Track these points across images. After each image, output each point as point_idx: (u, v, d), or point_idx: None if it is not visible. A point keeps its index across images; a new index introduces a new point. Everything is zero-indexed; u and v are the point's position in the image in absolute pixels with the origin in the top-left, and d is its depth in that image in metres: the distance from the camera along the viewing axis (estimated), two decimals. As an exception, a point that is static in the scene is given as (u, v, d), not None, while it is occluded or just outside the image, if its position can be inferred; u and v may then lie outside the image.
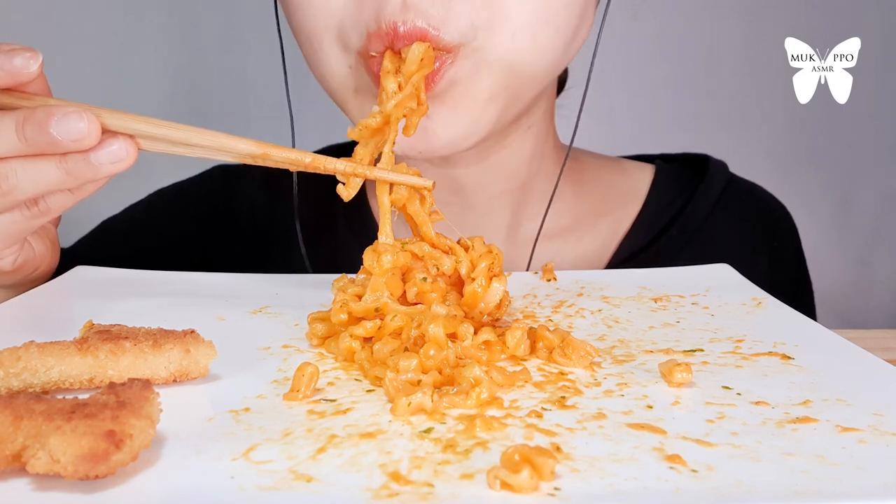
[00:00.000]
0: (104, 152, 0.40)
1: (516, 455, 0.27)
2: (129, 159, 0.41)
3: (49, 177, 0.41)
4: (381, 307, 0.41)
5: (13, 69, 0.41)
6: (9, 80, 0.41)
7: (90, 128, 0.39)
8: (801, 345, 0.41)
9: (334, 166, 0.43)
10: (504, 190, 0.63)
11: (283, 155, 0.42)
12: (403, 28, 0.46)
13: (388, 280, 0.42)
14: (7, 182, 0.41)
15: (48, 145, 0.40)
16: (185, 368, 0.36)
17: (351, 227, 0.68)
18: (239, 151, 0.42)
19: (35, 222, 0.44)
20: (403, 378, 0.35)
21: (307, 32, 0.51)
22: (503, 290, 0.43)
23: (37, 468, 0.26)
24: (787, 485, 0.26)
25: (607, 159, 0.73)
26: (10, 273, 0.49)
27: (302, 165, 0.42)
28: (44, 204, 0.43)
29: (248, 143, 0.42)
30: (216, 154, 0.42)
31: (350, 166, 0.43)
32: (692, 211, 0.67)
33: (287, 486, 0.26)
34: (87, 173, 0.41)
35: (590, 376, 0.37)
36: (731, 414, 0.33)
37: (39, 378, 0.34)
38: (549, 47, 0.50)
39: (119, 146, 0.41)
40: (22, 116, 0.40)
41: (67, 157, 0.40)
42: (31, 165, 0.41)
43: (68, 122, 0.39)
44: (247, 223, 0.72)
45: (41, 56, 0.41)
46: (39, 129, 0.39)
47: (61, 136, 0.39)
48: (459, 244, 0.45)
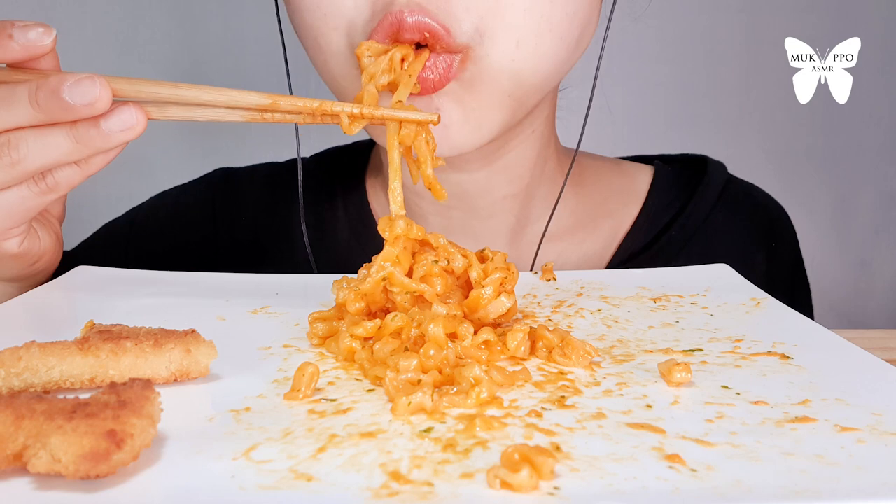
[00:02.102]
0: (115, 119, 0.41)
1: (516, 454, 0.27)
2: (139, 126, 0.42)
3: (59, 146, 0.42)
4: (388, 276, 0.41)
5: (27, 42, 0.42)
6: (23, 53, 0.42)
7: (102, 92, 0.40)
8: (801, 345, 0.41)
9: (342, 108, 0.44)
10: (508, 194, 0.63)
11: (291, 103, 0.43)
12: (411, 19, 0.45)
13: (400, 254, 0.42)
14: (18, 152, 0.42)
15: (61, 110, 0.40)
16: (185, 368, 0.36)
17: (352, 229, 0.69)
18: (249, 103, 0.43)
19: (43, 199, 0.45)
20: (403, 378, 0.35)
21: (315, 34, 0.51)
22: (508, 306, 0.43)
23: (38, 468, 0.26)
24: (786, 484, 0.26)
25: (607, 160, 0.73)
26: (14, 258, 0.49)
27: (310, 111, 0.43)
28: (52, 178, 0.44)
29: (257, 95, 0.43)
30: (225, 114, 0.44)
31: (357, 108, 0.44)
32: (691, 211, 0.67)
33: (287, 486, 0.27)
34: (98, 141, 0.42)
35: (589, 376, 0.37)
36: (731, 413, 0.33)
37: (41, 378, 0.34)
38: (552, 55, 0.50)
39: (129, 113, 0.42)
40: (35, 85, 0.41)
41: (78, 126, 0.41)
42: (41, 135, 0.42)
43: (81, 86, 0.40)
44: (248, 225, 0.72)
45: (55, 31, 0.43)
46: (52, 94, 0.40)
47: (74, 101, 0.40)
48: (482, 254, 0.46)
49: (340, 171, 0.72)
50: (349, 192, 0.70)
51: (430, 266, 0.43)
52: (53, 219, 0.53)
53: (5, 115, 0.41)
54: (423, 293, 0.42)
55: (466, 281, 0.44)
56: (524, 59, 0.49)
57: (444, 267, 0.43)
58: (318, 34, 0.51)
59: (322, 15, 0.49)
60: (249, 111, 0.44)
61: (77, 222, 0.58)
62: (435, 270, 0.43)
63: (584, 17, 0.51)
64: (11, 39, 0.42)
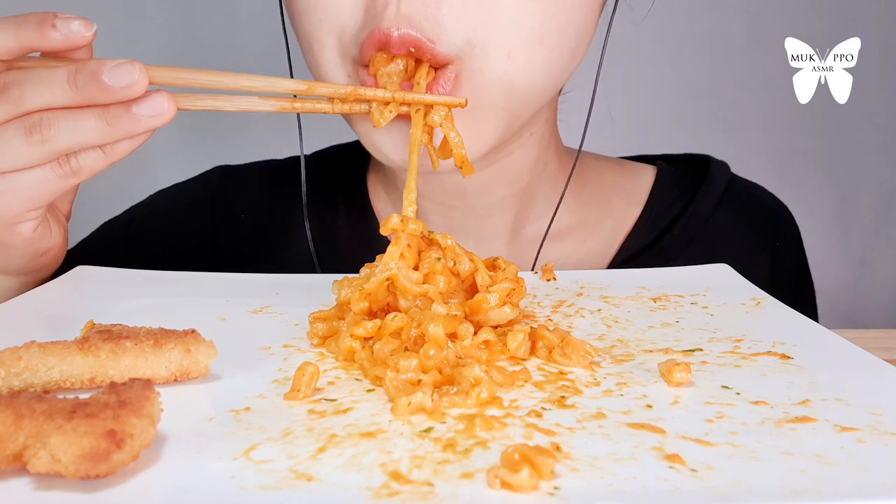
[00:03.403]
0: (146, 104, 0.43)
1: (516, 454, 0.27)
2: (169, 113, 0.44)
3: (89, 128, 0.43)
4: (391, 277, 0.41)
5: (70, 33, 0.43)
6: (65, 43, 0.44)
7: (140, 77, 0.42)
8: (800, 345, 0.41)
9: (374, 93, 0.47)
10: (507, 194, 0.63)
11: (324, 89, 0.47)
12: (397, 33, 0.46)
13: (405, 251, 0.42)
14: (49, 129, 0.43)
15: (98, 91, 0.42)
16: (185, 368, 0.36)
17: (353, 227, 0.69)
18: (286, 88, 0.46)
19: (64, 183, 0.46)
20: (403, 378, 0.35)
21: (310, 39, 0.51)
22: (511, 317, 0.43)
23: (38, 467, 0.26)
24: (786, 484, 0.26)
25: (609, 160, 0.73)
26: (26, 242, 0.49)
27: (341, 96, 0.47)
28: (76, 162, 0.45)
29: (294, 81, 0.46)
30: (257, 104, 0.46)
31: (388, 93, 0.46)
32: (694, 211, 0.67)
33: (287, 486, 0.27)
34: (128, 125, 0.43)
35: (589, 376, 0.37)
36: (731, 413, 0.33)
37: (40, 378, 0.34)
38: (545, 68, 0.50)
39: (161, 99, 0.43)
40: (74, 67, 0.42)
41: (110, 109, 0.43)
42: (72, 116, 0.43)
43: (121, 69, 0.42)
44: (247, 223, 0.72)
45: (95, 25, 0.44)
46: (92, 76, 0.42)
47: (112, 83, 0.42)
48: (494, 262, 0.46)
49: (341, 170, 0.72)
50: (350, 190, 0.70)
51: (434, 263, 0.43)
52: (61, 216, 0.54)
53: (42, 94, 0.42)
54: (426, 293, 0.42)
55: (471, 285, 0.45)
56: (516, 70, 0.49)
57: (449, 268, 0.43)
58: (312, 39, 0.51)
59: (317, 20, 0.50)
60: (280, 101, 0.46)
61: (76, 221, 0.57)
62: (438, 268, 0.43)
63: (577, 28, 0.51)
64: (55, 29, 0.43)
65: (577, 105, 0.63)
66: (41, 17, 0.43)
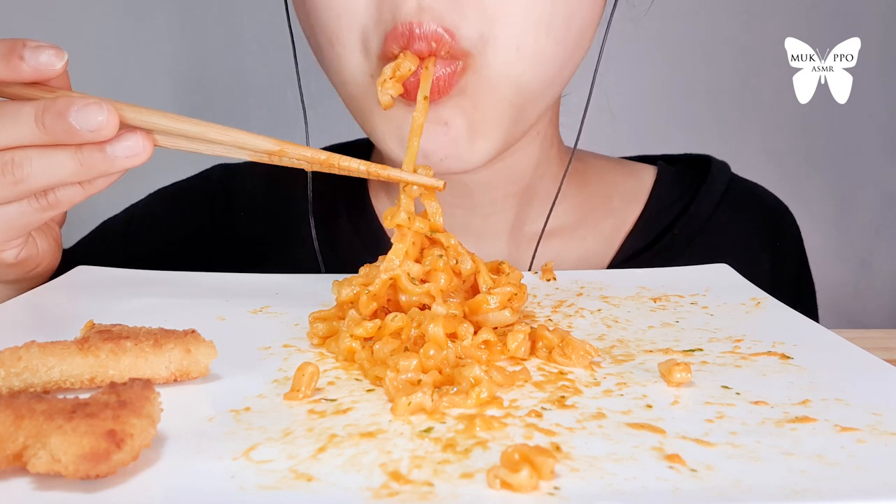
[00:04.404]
0: (120, 146, 0.41)
1: (516, 454, 0.27)
2: (145, 154, 0.42)
3: (63, 167, 0.42)
4: (394, 277, 0.41)
5: (38, 65, 0.42)
6: (33, 75, 0.42)
7: (109, 119, 0.40)
8: (800, 345, 0.41)
9: (349, 165, 0.43)
10: (509, 192, 0.63)
11: (299, 152, 0.43)
12: (420, 30, 0.46)
13: (409, 249, 0.42)
14: (21, 170, 0.42)
15: (66, 134, 0.40)
16: (185, 368, 0.36)
17: (354, 228, 0.68)
18: (256, 148, 0.43)
19: (42, 215, 0.45)
20: (403, 378, 0.35)
21: (329, 35, 0.50)
22: (511, 321, 0.43)
23: (37, 468, 0.26)
24: (786, 484, 0.26)
25: (610, 160, 0.74)
26: (11, 267, 0.49)
27: (317, 163, 0.43)
28: (53, 196, 0.44)
29: (266, 140, 0.43)
30: (233, 151, 0.43)
31: (364, 165, 0.44)
32: (695, 211, 0.67)
33: (287, 486, 0.27)
34: (102, 165, 0.42)
35: (589, 376, 0.37)
36: (731, 413, 0.33)
37: (40, 378, 0.34)
38: (550, 59, 0.50)
39: (135, 140, 0.42)
40: (42, 105, 0.41)
41: (83, 149, 0.41)
42: (46, 155, 0.41)
43: (88, 112, 0.40)
44: (247, 222, 0.72)
45: (66, 55, 0.43)
46: (59, 117, 0.40)
47: (79, 126, 0.40)
48: (499, 266, 0.46)
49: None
50: (351, 190, 0.70)
51: (436, 260, 0.43)
52: (53, 223, 0.53)
53: (10, 132, 0.41)
54: (427, 292, 0.42)
55: (473, 285, 0.45)
56: (524, 64, 0.49)
57: (451, 266, 0.43)
58: (332, 35, 0.50)
59: (336, 15, 0.49)
60: (257, 153, 0.43)
61: (75, 220, 0.57)
62: (440, 265, 0.43)
63: (582, 19, 0.51)
64: (22, 61, 0.42)
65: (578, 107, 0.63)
66: (10, 47, 0.42)
